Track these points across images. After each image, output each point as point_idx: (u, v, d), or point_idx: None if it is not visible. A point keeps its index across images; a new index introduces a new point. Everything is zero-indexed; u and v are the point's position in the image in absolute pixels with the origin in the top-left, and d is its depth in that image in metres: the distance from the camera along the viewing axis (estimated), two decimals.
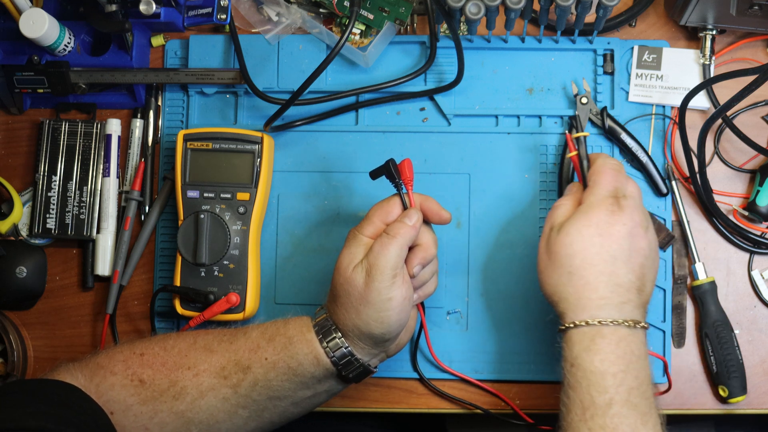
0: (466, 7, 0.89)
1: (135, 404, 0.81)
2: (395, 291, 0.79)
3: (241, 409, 0.83)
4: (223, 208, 0.94)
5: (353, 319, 0.80)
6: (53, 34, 0.94)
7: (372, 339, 0.81)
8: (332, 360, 0.81)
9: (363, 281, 0.79)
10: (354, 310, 0.80)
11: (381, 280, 0.78)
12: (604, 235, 0.77)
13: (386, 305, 0.79)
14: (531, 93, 0.98)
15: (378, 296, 0.79)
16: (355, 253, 0.81)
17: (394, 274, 0.79)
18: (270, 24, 1.00)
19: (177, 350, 0.84)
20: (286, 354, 0.81)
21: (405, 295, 0.80)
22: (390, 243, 0.79)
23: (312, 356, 0.81)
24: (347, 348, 0.81)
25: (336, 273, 0.81)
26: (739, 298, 0.95)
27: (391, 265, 0.79)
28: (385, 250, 0.79)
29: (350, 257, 0.80)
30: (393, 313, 0.80)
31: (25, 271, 0.98)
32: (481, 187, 0.97)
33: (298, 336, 0.81)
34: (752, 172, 0.96)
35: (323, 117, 0.99)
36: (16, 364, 0.97)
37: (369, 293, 0.79)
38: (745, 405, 0.94)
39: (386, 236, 0.79)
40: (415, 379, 0.96)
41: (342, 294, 0.80)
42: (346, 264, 0.80)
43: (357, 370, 0.82)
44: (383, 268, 0.78)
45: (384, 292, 0.79)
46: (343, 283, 0.80)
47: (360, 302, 0.79)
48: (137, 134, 1.01)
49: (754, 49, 0.98)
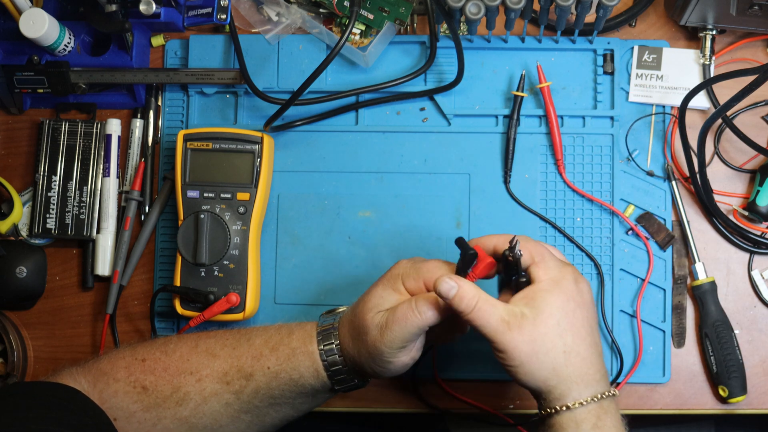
0: (466, 7, 0.89)
1: (138, 411, 0.81)
2: (401, 357, 0.78)
3: (243, 414, 0.83)
4: (223, 208, 0.94)
5: (354, 353, 0.79)
6: (53, 34, 0.94)
7: (363, 374, 0.81)
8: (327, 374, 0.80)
9: (374, 336, 0.76)
10: (357, 348, 0.79)
11: (389, 346, 0.76)
12: (581, 306, 0.74)
13: (386, 365, 0.78)
14: (531, 93, 0.98)
15: (381, 355, 0.77)
16: (386, 299, 0.77)
17: (405, 345, 0.77)
18: (270, 24, 1.00)
19: (179, 354, 0.83)
20: (289, 365, 0.81)
21: (408, 362, 0.79)
22: (413, 319, 0.75)
23: (313, 369, 0.80)
24: (344, 367, 0.80)
25: (362, 305, 0.78)
26: (739, 298, 0.95)
27: (404, 338, 0.76)
28: (405, 322, 0.75)
29: (380, 300, 0.77)
30: (389, 370, 0.79)
31: (25, 271, 0.98)
32: (481, 187, 0.97)
33: (301, 348, 0.81)
34: (752, 172, 0.96)
35: (323, 117, 0.99)
36: (16, 364, 0.97)
37: (373, 349, 0.77)
38: (745, 405, 0.94)
39: (412, 310, 0.75)
40: (416, 380, 0.96)
41: (356, 328, 0.78)
42: (372, 305, 0.77)
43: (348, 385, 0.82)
44: (395, 338, 0.76)
45: (388, 354, 0.77)
46: (361, 321, 0.78)
47: (364, 348, 0.78)
48: (137, 134, 1.01)
49: (754, 49, 0.98)
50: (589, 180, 0.97)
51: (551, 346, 0.72)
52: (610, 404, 0.73)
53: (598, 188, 0.96)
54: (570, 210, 0.97)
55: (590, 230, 0.96)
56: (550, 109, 0.96)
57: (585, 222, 0.96)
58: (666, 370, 0.94)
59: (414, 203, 0.98)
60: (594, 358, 0.74)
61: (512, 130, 0.97)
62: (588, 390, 0.72)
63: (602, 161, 0.97)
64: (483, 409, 0.94)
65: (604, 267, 0.95)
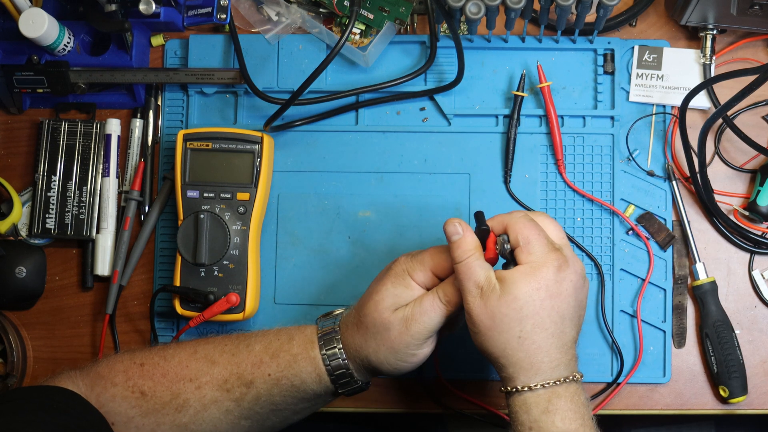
0: (467, 6, 0.89)
1: (136, 416, 0.81)
2: (424, 349, 0.79)
3: (243, 420, 0.82)
4: (223, 208, 0.94)
5: (368, 353, 0.79)
6: (53, 33, 0.94)
7: (375, 372, 0.81)
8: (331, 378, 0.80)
9: (399, 330, 0.77)
10: (374, 346, 0.79)
11: (417, 337, 0.77)
12: (554, 296, 0.74)
13: (409, 358, 0.79)
14: (531, 93, 0.98)
15: (406, 349, 0.78)
16: (401, 296, 0.78)
17: (431, 335, 0.78)
18: (270, 24, 1.00)
19: (177, 360, 0.82)
20: (290, 372, 0.80)
21: (429, 352, 0.80)
22: (441, 309, 0.77)
23: (315, 374, 0.80)
24: (348, 370, 0.80)
25: (373, 305, 0.79)
26: (740, 298, 0.95)
27: (432, 327, 0.77)
28: (433, 313, 0.77)
29: (394, 299, 0.78)
30: (410, 365, 0.80)
31: (25, 271, 0.98)
32: (481, 187, 0.97)
33: (303, 354, 0.80)
34: (753, 172, 0.96)
35: (323, 117, 0.99)
36: (16, 364, 0.97)
37: (399, 343, 0.78)
38: (746, 405, 0.94)
39: (439, 301, 0.77)
40: (416, 380, 0.96)
41: (371, 328, 0.79)
42: (389, 304, 0.78)
43: (353, 388, 0.82)
44: (423, 329, 0.77)
45: (413, 348, 0.78)
46: (378, 320, 0.78)
47: (384, 344, 0.78)
48: (137, 134, 1.01)
49: (755, 48, 0.98)
50: (590, 180, 0.97)
51: (507, 328, 0.74)
52: (566, 389, 0.73)
53: (598, 188, 0.96)
54: (570, 210, 0.97)
55: (590, 230, 0.96)
56: (551, 108, 0.96)
57: (585, 222, 0.96)
58: (666, 370, 0.94)
59: (414, 203, 0.98)
60: (552, 349, 0.74)
61: (512, 129, 0.96)
62: (538, 377, 0.73)
63: (602, 161, 0.97)
64: (486, 408, 0.94)
65: (604, 267, 0.95)
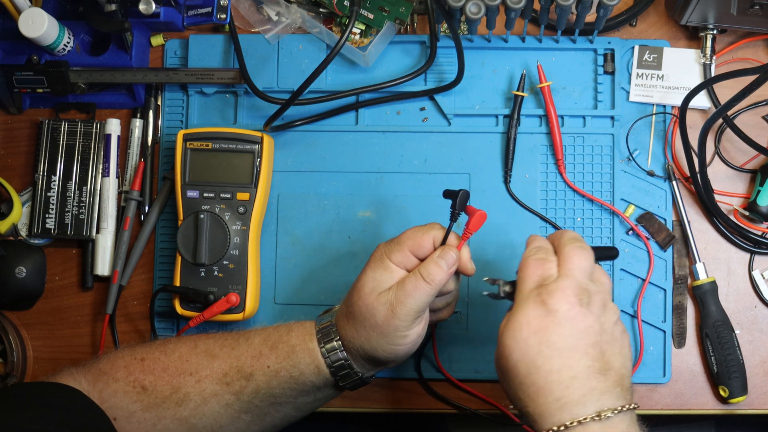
0: (467, 6, 0.89)
1: (138, 411, 0.81)
2: (414, 329, 0.79)
3: (243, 414, 0.83)
4: (223, 208, 0.94)
5: (362, 342, 0.79)
6: (53, 33, 0.94)
7: (374, 362, 0.81)
8: (331, 371, 0.81)
9: (384, 314, 0.77)
10: (365, 334, 0.79)
11: (404, 319, 0.77)
12: (538, 331, 0.69)
13: (400, 340, 0.79)
14: (531, 92, 0.98)
15: (395, 331, 0.78)
16: (381, 279, 0.78)
17: (418, 315, 0.78)
18: (270, 23, 1.00)
19: (178, 354, 0.83)
20: (289, 363, 0.81)
21: (421, 332, 0.80)
22: (424, 288, 0.77)
23: (314, 366, 0.80)
24: (347, 361, 0.81)
25: (356, 293, 0.79)
26: (740, 298, 0.95)
27: (418, 308, 0.77)
28: (417, 293, 0.77)
29: (375, 283, 0.78)
30: (404, 348, 0.80)
31: (25, 271, 0.98)
32: (481, 187, 0.97)
33: (301, 345, 0.81)
34: (753, 172, 0.96)
35: (323, 117, 0.99)
36: (16, 364, 0.97)
37: (387, 327, 0.78)
38: (746, 405, 0.94)
39: (421, 280, 0.77)
40: (417, 380, 0.96)
41: (358, 315, 0.79)
42: (370, 289, 0.78)
43: (353, 380, 0.82)
44: (409, 310, 0.77)
45: (402, 329, 0.78)
46: (362, 307, 0.78)
47: (374, 330, 0.78)
48: (137, 134, 1.01)
49: (755, 48, 0.98)
50: (590, 180, 0.97)
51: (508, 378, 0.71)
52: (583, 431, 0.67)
53: (598, 188, 0.96)
54: (570, 210, 0.97)
55: (591, 230, 0.96)
56: (551, 108, 0.96)
57: (585, 222, 0.96)
58: (666, 370, 0.94)
59: (414, 203, 0.98)
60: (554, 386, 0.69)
61: (512, 129, 0.96)
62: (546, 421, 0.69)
63: (603, 161, 0.97)
64: (484, 409, 0.94)
65: (604, 267, 0.95)
